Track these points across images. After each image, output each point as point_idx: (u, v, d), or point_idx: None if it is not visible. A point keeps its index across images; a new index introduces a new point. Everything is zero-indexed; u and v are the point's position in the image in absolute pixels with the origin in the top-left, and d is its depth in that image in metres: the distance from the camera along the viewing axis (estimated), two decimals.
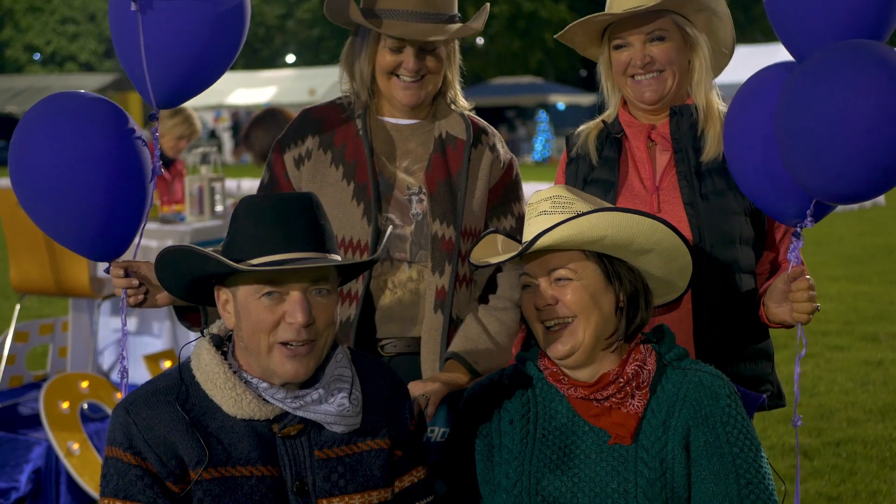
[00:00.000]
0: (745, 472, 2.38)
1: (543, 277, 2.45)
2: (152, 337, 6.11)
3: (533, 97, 37.24)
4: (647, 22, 2.89)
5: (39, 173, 2.65)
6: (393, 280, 2.87)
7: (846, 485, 5.21)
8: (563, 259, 2.44)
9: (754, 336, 2.96)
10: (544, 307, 2.44)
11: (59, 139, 2.64)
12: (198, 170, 6.78)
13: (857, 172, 2.36)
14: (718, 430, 2.40)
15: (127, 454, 2.21)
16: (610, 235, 2.41)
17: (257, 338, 2.24)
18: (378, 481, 2.37)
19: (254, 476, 2.24)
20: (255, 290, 2.23)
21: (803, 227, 2.60)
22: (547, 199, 2.49)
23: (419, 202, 2.90)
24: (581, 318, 2.43)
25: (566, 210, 2.45)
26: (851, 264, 12.25)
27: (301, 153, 2.94)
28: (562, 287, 2.44)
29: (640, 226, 2.42)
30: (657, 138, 2.97)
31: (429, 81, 2.90)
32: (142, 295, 2.79)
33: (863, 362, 7.67)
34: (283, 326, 2.23)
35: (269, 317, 2.22)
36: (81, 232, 2.72)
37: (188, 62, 2.71)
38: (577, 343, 2.43)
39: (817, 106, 2.33)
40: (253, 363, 2.28)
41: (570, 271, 2.44)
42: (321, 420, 2.29)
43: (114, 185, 2.67)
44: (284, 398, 2.27)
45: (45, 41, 50.49)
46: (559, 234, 2.40)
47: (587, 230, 2.40)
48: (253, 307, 2.23)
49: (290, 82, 35.22)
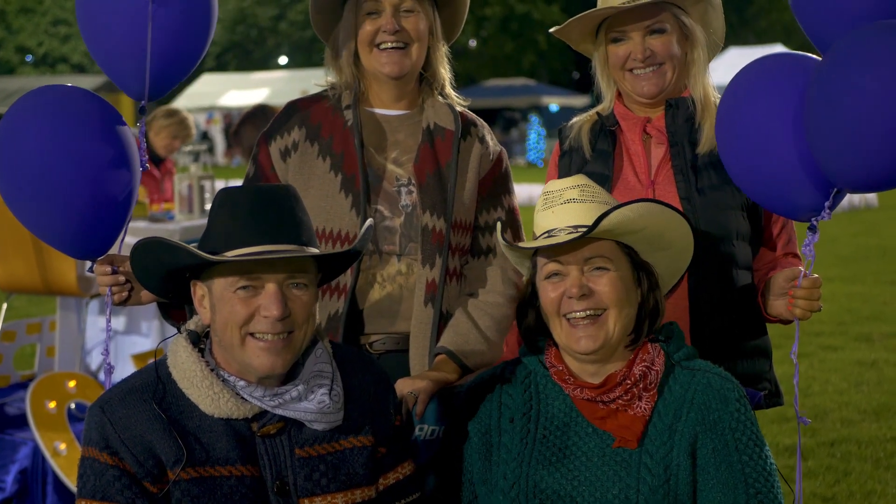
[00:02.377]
0: (754, 482, 2.31)
1: (577, 266, 2.39)
2: (140, 336, 6.07)
3: (526, 99, 37.24)
4: (647, 15, 2.85)
5: (21, 169, 2.60)
6: (382, 274, 2.83)
7: (841, 485, 5.19)
8: (600, 248, 2.39)
9: (751, 332, 2.92)
10: (579, 296, 2.37)
11: (42, 134, 2.59)
12: (187, 168, 6.75)
13: (887, 157, 2.28)
14: (727, 436, 2.33)
15: (103, 454, 2.16)
16: (650, 227, 2.38)
17: (230, 331, 2.20)
18: (361, 479, 2.32)
19: (233, 476, 2.20)
20: (231, 283, 2.20)
21: (819, 220, 2.54)
22: (574, 186, 2.43)
23: (408, 193, 2.85)
24: (613, 310, 2.37)
25: (596, 199, 2.41)
26: (845, 265, 12.26)
27: (287, 145, 2.90)
28: (597, 277, 2.38)
29: (671, 220, 2.40)
30: (652, 131, 2.93)
31: (412, 50, 2.86)
32: (126, 292, 2.76)
33: (857, 363, 7.66)
34: (258, 320, 2.20)
35: (244, 310, 2.19)
36: (65, 229, 2.68)
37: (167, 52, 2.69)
38: (608, 336, 2.37)
39: (852, 89, 2.26)
40: (229, 359, 2.24)
41: (608, 260, 2.39)
42: (301, 418, 2.25)
43: (97, 181, 2.63)
44: (263, 396, 2.23)
45: (37, 42, 50.42)
46: (616, 219, 2.34)
47: (635, 219, 2.35)
48: (228, 300, 2.20)
49: (282, 84, 35.17)
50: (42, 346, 6.05)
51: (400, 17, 2.83)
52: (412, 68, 2.88)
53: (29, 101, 2.65)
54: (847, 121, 2.27)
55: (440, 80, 2.97)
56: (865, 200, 19.66)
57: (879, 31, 2.29)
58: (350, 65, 2.90)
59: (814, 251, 2.59)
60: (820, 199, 2.49)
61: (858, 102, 2.25)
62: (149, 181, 7.10)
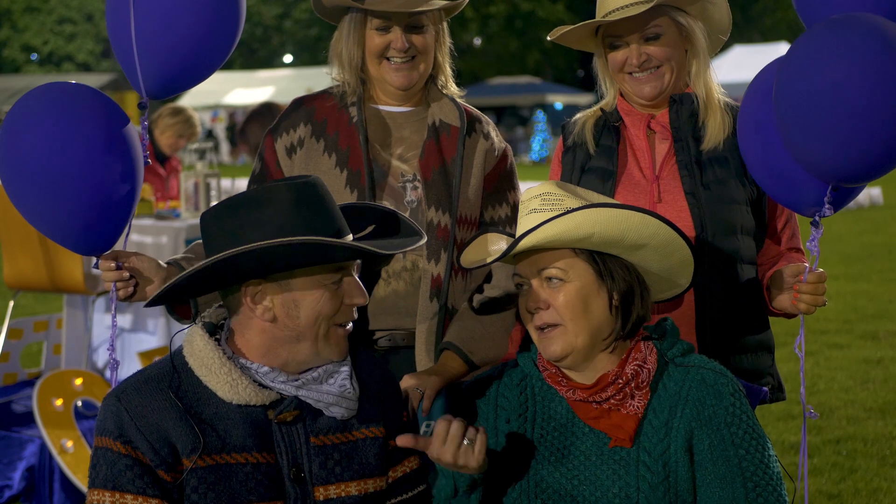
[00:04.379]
0: (752, 475, 2.30)
1: (535, 278, 2.38)
2: (147, 334, 6.07)
3: (530, 97, 37.24)
4: (641, 21, 2.83)
5: (25, 165, 2.61)
6: (387, 270, 2.83)
7: (846, 483, 5.18)
8: (552, 258, 2.36)
9: (755, 327, 2.92)
10: (535, 310, 2.37)
11: (45, 130, 2.60)
12: (193, 166, 6.76)
13: (862, 148, 2.30)
14: (723, 431, 2.32)
15: (117, 443, 2.17)
16: (598, 233, 2.31)
17: (319, 324, 2.24)
18: (373, 469, 2.34)
19: (249, 463, 2.21)
20: (322, 278, 2.23)
21: (822, 216, 2.54)
22: (537, 196, 2.39)
23: (413, 189, 2.86)
24: (570, 323, 2.35)
25: (556, 207, 2.35)
26: (851, 263, 12.24)
27: (293, 141, 2.91)
28: (554, 290, 2.36)
29: (629, 221, 2.31)
30: (656, 127, 2.93)
31: (420, 62, 2.87)
32: (131, 288, 2.76)
33: (862, 360, 7.65)
34: (344, 309, 2.27)
35: (335, 302, 2.25)
36: (68, 225, 2.68)
37: (182, 53, 2.68)
38: (570, 345, 2.36)
39: (811, 81, 2.28)
40: (292, 351, 2.26)
41: (561, 271, 2.36)
42: (322, 400, 2.27)
43: (102, 177, 2.63)
44: (286, 381, 2.25)
45: (43, 41, 50.48)
46: (544, 234, 2.31)
47: (573, 228, 2.30)
48: (316, 296, 2.23)
49: (287, 82, 35.17)
50: (49, 343, 6.06)
51: (410, 35, 2.84)
52: (420, 79, 2.90)
53: (32, 99, 2.66)
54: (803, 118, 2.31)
55: (445, 77, 2.98)
56: (871, 199, 19.62)
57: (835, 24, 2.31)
58: (356, 75, 2.91)
59: (818, 246, 2.59)
60: (819, 194, 2.50)
61: (810, 100, 2.28)
62: (155, 179, 7.10)
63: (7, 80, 42.71)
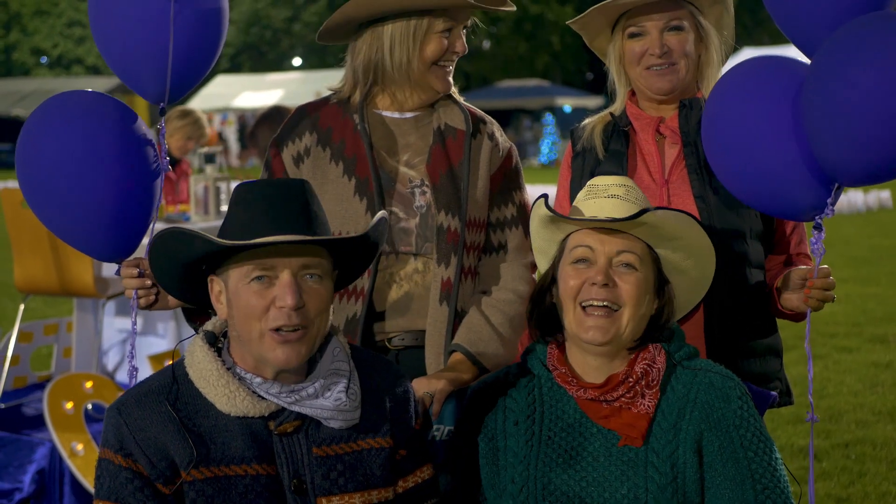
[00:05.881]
0: (760, 477, 2.32)
1: (605, 256, 2.41)
2: (157, 337, 6.08)
3: (539, 100, 37.20)
4: (667, 9, 2.87)
5: (47, 173, 2.64)
6: (399, 273, 2.84)
7: (855, 486, 5.18)
8: (634, 245, 2.42)
9: (764, 331, 2.93)
10: (601, 284, 2.39)
11: (67, 138, 2.63)
12: (203, 170, 6.77)
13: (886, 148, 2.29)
14: (732, 433, 2.34)
15: (118, 456, 2.18)
16: (685, 238, 2.42)
17: (249, 325, 2.21)
18: (378, 480, 2.32)
19: (248, 475, 2.20)
20: (245, 273, 2.21)
21: (823, 217, 2.55)
22: (620, 185, 2.46)
23: (422, 194, 2.87)
24: (630, 309, 2.39)
25: (638, 201, 2.43)
26: (860, 266, 12.20)
27: (300, 151, 2.91)
28: (624, 273, 2.40)
29: (704, 243, 2.45)
30: (666, 132, 2.94)
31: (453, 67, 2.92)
32: (153, 296, 2.77)
33: (871, 364, 7.63)
34: (274, 312, 2.20)
35: (260, 302, 2.20)
36: (91, 232, 2.71)
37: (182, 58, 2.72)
38: (619, 332, 2.39)
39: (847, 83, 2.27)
40: (246, 355, 2.26)
41: (638, 259, 2.41)
42: (317, 415, 2.25)
43: (122, 183, 2.67)
44: (279, 393, 2.23)
45: (52, 44, 50.63)
46: (660, 217, 2.38)
47: (675, 226, 2.40)
48: (243, 293, 2.21)
49: (296, 85, 35.20)
50: (59, 347, 6.07)
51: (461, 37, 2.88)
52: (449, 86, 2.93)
53: (51, 107, 2.69)
54: (844, 115, 2.28)
55: None
56: (880, 201, 19.58)
57: (872, 23, 2.31)
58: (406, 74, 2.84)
59: (823, 248, 2.60)
60: (822, 197, 2.49)
61: (853, 96, 2.26)
62: (164, 182, 7.11)
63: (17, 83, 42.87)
